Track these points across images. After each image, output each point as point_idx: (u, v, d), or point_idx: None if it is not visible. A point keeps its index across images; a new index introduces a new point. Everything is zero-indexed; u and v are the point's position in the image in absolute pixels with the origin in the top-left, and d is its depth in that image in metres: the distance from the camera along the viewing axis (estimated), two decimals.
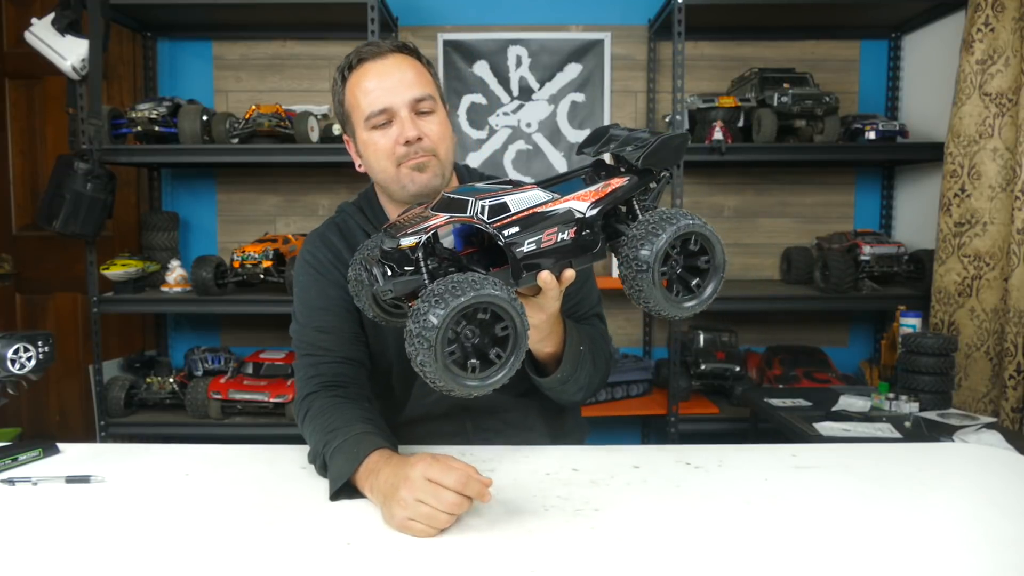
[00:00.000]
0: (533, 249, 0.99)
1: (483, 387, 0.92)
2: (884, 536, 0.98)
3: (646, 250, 0.98)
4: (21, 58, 3.19)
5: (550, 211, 0.99)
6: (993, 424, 2.17)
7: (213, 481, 1.21)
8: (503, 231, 0.96)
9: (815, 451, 1.36)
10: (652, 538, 0.97)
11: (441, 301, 0.86)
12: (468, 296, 0.86)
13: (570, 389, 1.35)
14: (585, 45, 3.27)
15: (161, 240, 3.17)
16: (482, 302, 0.88)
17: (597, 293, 1.51)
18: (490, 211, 0.96)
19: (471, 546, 0.95)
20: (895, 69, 3.25)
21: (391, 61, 1.31)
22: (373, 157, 1.33)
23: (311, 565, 0.91)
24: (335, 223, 1.46)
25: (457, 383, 0.90)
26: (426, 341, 0.86)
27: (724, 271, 1.06)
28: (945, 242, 2.66)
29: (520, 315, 0.92)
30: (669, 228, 0.98)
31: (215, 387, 2.89)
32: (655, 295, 1.00)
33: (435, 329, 0.86)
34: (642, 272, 0.99)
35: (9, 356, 1.24)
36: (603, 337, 1.47)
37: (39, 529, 1.02)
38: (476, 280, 0.88)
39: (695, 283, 1.05)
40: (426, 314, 0.86)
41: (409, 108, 1.29)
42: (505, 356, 0.93)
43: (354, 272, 1.14)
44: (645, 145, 1.03)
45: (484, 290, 0.88)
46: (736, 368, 3.04)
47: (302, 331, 1.38)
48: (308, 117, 2.89)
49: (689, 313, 1.05)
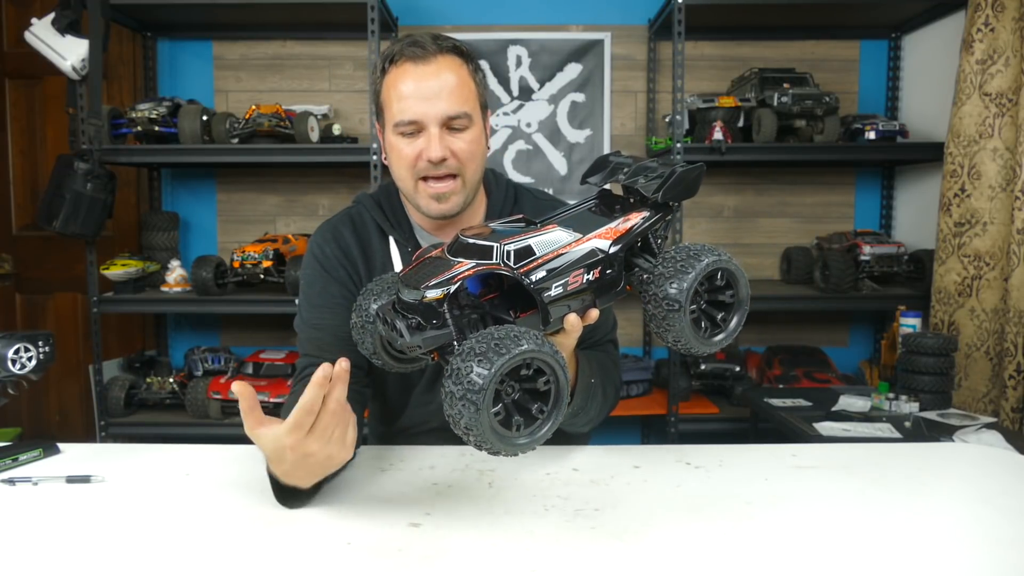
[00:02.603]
0: (560, 293, 0.96)
1: (532, 444, 0.89)
2: (884, 536, 0.98)
3: (674, 288, 0.96)
4: (21, 58, 3.19)
5: (574, 252, 0.96)
6: (993, 424, 2.17)
7: (213, 481, 1.20)
8: (530, 276, 0.93)
9: (815, 451, 1.36)
10: (652, 538, 0.97)
11: (485, 360, 0.82)
12: (512, 353, 0.82)
13: (579, 422, 1.31)
14: (585, 45, 3.27)
15: (161, 240, 3.17)
16: (526, 358, 0.84)
17: (613, 318, 1.48)
18: (515, 256, 0.92)
19: (472, 546, 0.95)
20: (895, 69, 3.26)
21: (433, 67, 1.23)
22: (395, 163, 1.28)
23: (311, 565, 0.91)
24: (349, 215, 1.41)
25: (505, 444, 0.86)
26: (472, 404, 0.81)
27: (748, 304, 1.05)
28: (945, 242, 2.66)
29: (563, 368, 0.88)
30: (698, 265, 0.97)
31: (215, 387, 2.89)
32: (686, 333, 0.98)
33: (482, 391, 0.81)
34: (673, 312, 0.97)
35: (9, 356, 1.24)
36: (615, 365, 1.43)
37: (39, 529, 1.02)
38: (518, 335, 0.84)
39: (720, 317, 1.04)
40: (469, 375, 0.81)
41: (440, 124, 1.23)
42: (548, 411, 0.89)
43: (359, 318, 1.08)
44: (660, 177, 1.01)
45: (527, 345, 0.84)
46: (736, 368, 3.04)
47: (303, 328, 1.37)
48: (308, 117, 2.89)
49: (716, 348, 1.04)
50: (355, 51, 3.28)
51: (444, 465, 1.25)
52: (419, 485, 1.16)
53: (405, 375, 1.39)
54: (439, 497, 1.12)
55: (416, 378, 1.40)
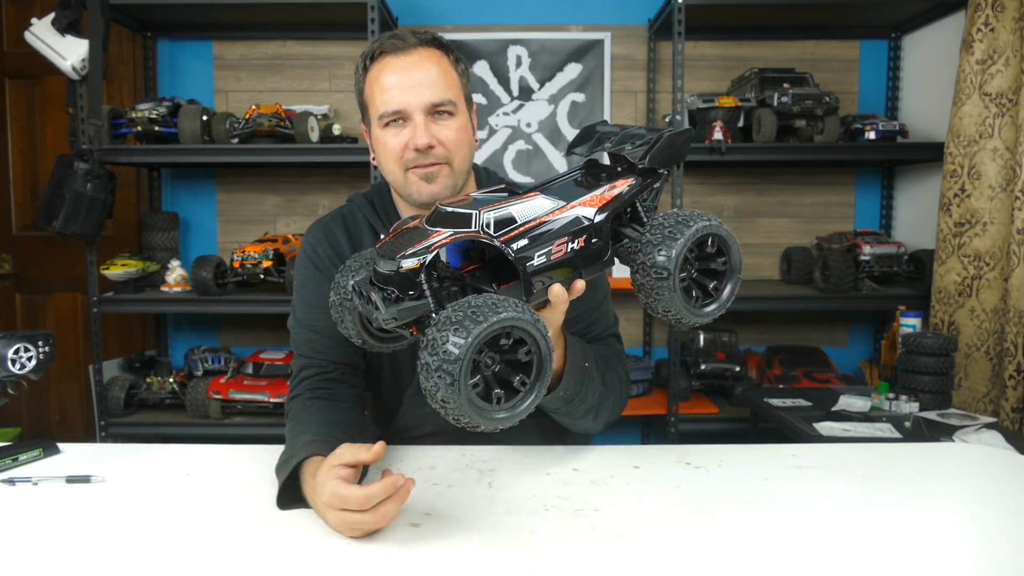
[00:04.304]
0: (543, 262, 0.92)
1: (512, 418, 0.85)
2: (884, 536, 0.98)
3: (663, 256, 0.92)
4: (21, 58, 3.19)
5: (558, 220, 0.93)
6: (993, 424, 2.17)
7: (213, 481, 1.21)
8: (511, 245, 0.89)
9: (815, 451, 1.36)
10: (652, 538, 0.97)
11: (461, 329, 0.78)
12: (490, 321, 0.79)
13: (577, 411, 1.26)
14: (585, 45, 3.27)
15: (161, 240, 3.17)
16: (506, 327, 0.80)
17: (614, 312, 1.45)
18: (496, 224, 0.89)
19: (472, 546, 0.95)
20: (895, 69, 3.25)
21: (414, 58, 1.23)
22: (383, 157, 1.27)
23: (312, 565, 0.91)
24: (341, 214, 1.41)
25: (484, 417, 0.82)
26: (448, 375, 0.78)
27: (740, 271, 1.01)
28: (945, 242, 2.66)
29: (544, 337, 0.85)
30: (687, 231, 0.93)
31: (215, 387, 2.89)
32: (676, 303, 0.94)
33: (458, 361, 0.77)
34: (662, 280, 0.92)
35: (9, 356, 1.24)
36: (618, 358, 1.38)
37: (39, 529, 1.02)
38: (496, 303, 0.81)
39: (712, 286, 0.99)
40: (444, 344, 0.78)
41: (425, 112, 1.22)
42: (531, 383, 0.86)
43: (337, 296, 1.05)
44: (647, 143, 0.98)
45: (506, 313, 0.80)
46: (736, 368, 3.04)
47: (297, 328, 1.36)
48: (308, 117, 2.89)
49: (709, 319, 1.00)
50: (355, 51, 3.28)
51: (444, 465, 1.25)
52: (419, 485, 1.16)
53: (397, 374, 1.39)
54: (439, 497, 1.12)
55: (408, 378, 1.39)
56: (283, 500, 1.08)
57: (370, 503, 0.94)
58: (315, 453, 1.09)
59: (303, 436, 1.16)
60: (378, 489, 0.94)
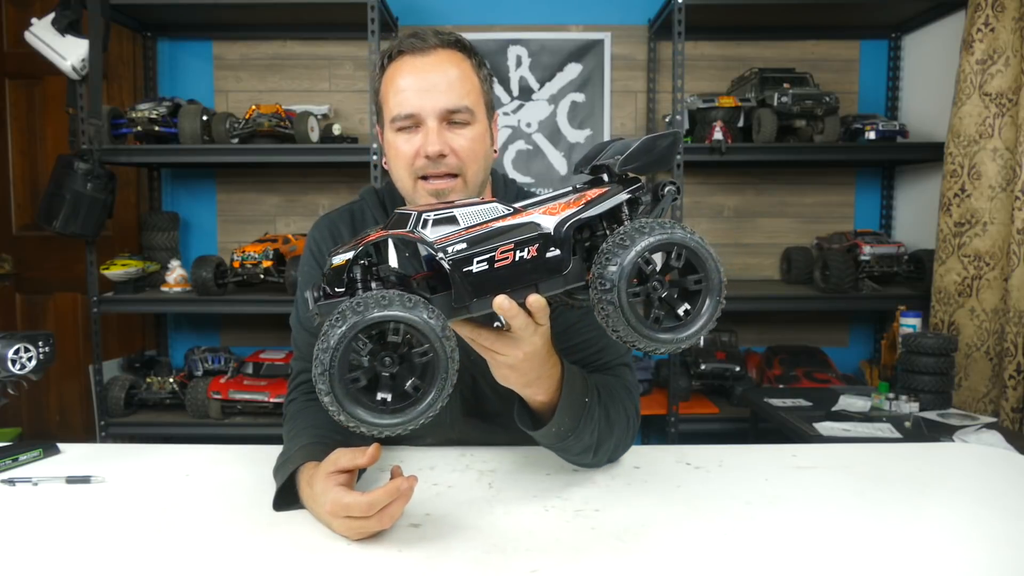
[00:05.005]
0: (484, 268, 0.85)
1: (389, 425, 0.80)
2: (884, 536, 0.98)
3: (613, 266, 0.83)
4: (21, 58, 3.19)
5: (508, 225, 0.86)
6: (993, 424, 2.17)
7: (213, 481, 1.20)
8: (448, 247, 0.84)
9: (815, 451, 1.36)
10: (652, 538, 0.97)
11: (342, 319, 0.77)
12: (372, 313, 0.76)
13: (573, 448, 1.14)
14: (585, 45, 3.27)
15: (161, 240, 3.17)
16: (388, 319, 0.77)
17: None
18: (435, 224, 0.85)
19: (472, 546, 0.95)
20: (895, 69, 3.26)
21: (432, 59, 1.16)
22: (394, 162, 1.21)
23: (312, 565, 0.91)
24: (350, 211, 1.35)
25: (357, 418, 0.78)
26: (321, 364, 0.76)
27: (721, 294, 0.87)
28: (945, 242, 2.66)
29: (440, 339, 0.79)
30: (640, 239, 0.83)
31: (215, 387, 2.89)
32: (621, 323, 0.83)
33: (330, 350, 0.76)
34: (606, 292, 0.83)
35: (10, 356, 1.24)
36: (627, 389, 1.25)
37: (39, 529, 1.02)
38: (386, 296, 0.78)
39: (683, 310, 0.87)
40: (326, 333, 0.77)
41: (439, 118, 1.15)
42: (424, 388, 0.80)
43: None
44: (625, 149, 0.90)
45: (391, 308, 0.77)
46: (736, 368, 3.04)
47: (298, 329, 1.34)
48: (308, 117, 2.89)
49: (672, 348, 0.87)
50: (355, 51, 3.28)
51: (444, 466, 1.25)
52: (419, 485, 1.15)
53: None
54: (439, 498, 1.12)
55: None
56: (279, 504, 1.08)
57: (373, 509, 0.94)
58: (310, 458, 1.08)
59: (299, 439, 1.15)
60: (381, 495, 0.93)
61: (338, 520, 0.97)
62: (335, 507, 0.96)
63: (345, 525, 0.96)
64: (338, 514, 0.96)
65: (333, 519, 0.97)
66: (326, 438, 1.14)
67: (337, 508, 0.95)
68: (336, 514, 0.96)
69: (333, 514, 0.97)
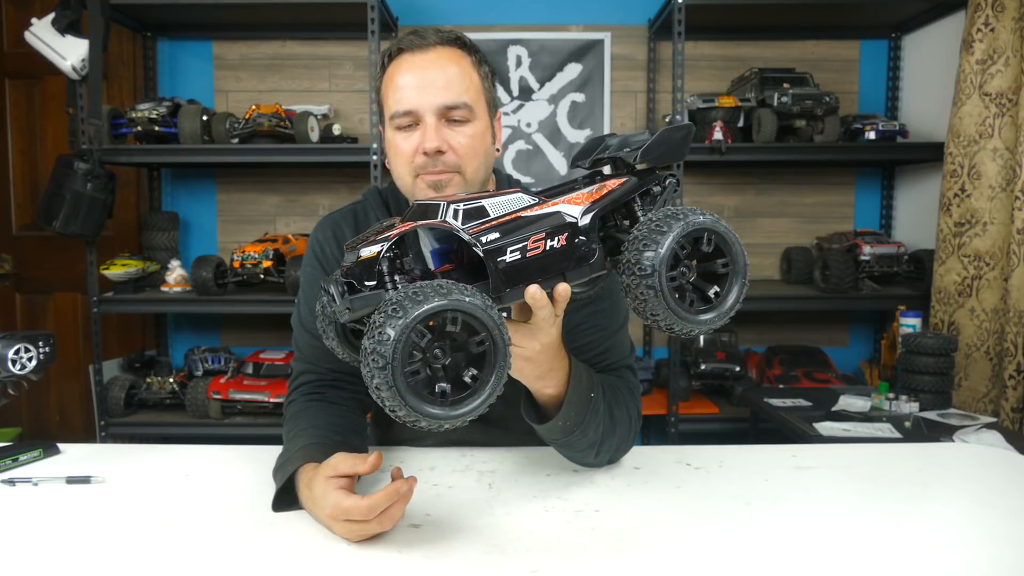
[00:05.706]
0: (517, 258, 0.84)
1: (451, 417, 0.77)
2: (884, 536, 0.98)
3: (650, 251, 0.83)
4: (21, 58, 3.19)
5: (536, 215, 0.86)
6: (993, 424, 2.17)
7: (213, 481, 1.21)
8: (480, 237, 0.83)
9: (815, 451, 1.36)
10: (652, 539, 0.97)
11: (400, 309, 0.73)
12: (433, 302, 0.73)
13: (578, 444, 1.15)
14: (585, 45, 3.27)
15: (161, 240, 3.17)
16: (449, 308, 0.74)
17: (630, 342, 1.33)
18: (465, 215, 0.84)
19: (472, 546, 0.95)
20: (895, 69, 3.26)
21: (432, 56, 1.16)
22: (394, 160, 1.20)
23: (311, 566, 0.91)
24: (354, 211, 1.35)
25: (421, 412, 0.75)
26: (381, 358, 0.72)
27: (746, 275, 0.90)
28: (945, 242, 2.66)
29: (498, 325, 0.78)
30: (676, 225, 0.84)
31: (215, 387, 2.89)
32: (662, 306, 0.85)
33: (391, 342, 0.72)
34: (646, 278, 0.84)
35: (10, 356, 1.24)
36: (630, 391, 1.26)
37: (39, 529, 1.02)
38: (442, 285, 0.75)
39: (713, 291, 0.89)
40: (382, 326, 0.73)
41: (437, 115, 1.15)
42: (483, 377, 0.78)
43: (320, 305, 0.97)
44: (642, 143, 0.92)
45: (452, 295, 0.75)
46: (736, 368, 3.04)
47: (299, 329, 1.33)
48: (308, 117, 2.89)
49: (707, 328, 0.89)
50: (355, 51, 3.28)
51: (444, 466, 1.25)
52: (419, 486, 1.16)
53: None
54: (439, 498, 1.12)
55: None
56: (278, 504, 1.08)
57: (374, 512, 0.94)
58: (310, 460, 1.08)
59: (299, 440, 1.15)
60: (381, 498, 0.93)
61: (338, 523, 0.97)
62: (335, 511, 0.96)
63: (345, 528, 0.96)
64: (338, 517, 0.96)
65: (333, 522, 0.97)
66: (326, 439, 1.14)
67: (337, 512, 0.96)
68: (336, 517, 0.96)
69: (333, 517, 0.97)
